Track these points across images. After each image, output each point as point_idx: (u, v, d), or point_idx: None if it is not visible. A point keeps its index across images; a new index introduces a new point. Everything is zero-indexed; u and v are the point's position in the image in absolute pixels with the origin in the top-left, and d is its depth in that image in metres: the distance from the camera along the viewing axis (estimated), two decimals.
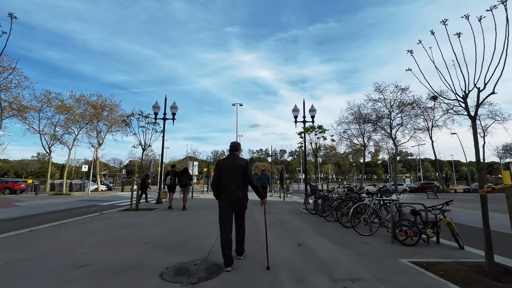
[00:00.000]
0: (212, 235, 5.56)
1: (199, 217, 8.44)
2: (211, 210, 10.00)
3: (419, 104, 30.38)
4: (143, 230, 6.17)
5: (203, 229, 6.40)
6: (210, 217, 8.43)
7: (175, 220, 7.82)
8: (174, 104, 13.94)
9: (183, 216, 8.72)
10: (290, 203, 14.30)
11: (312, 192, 9.38)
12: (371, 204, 5.77)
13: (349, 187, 8.87)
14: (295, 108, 14.10)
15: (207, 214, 9.12)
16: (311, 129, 11.29)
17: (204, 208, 11.09)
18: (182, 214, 9.31)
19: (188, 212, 10.19)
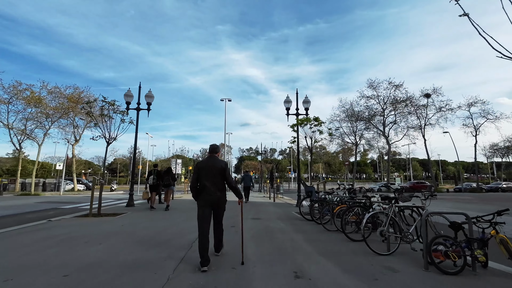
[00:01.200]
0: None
1: (174, 223, 6.83)
2: (192, 213, 8.41)
3: (413, 102, 29.58)
4: (79, 248, 4.51)
5: (171, 244, 4.80)
6: (187, 223, 6.83)
7: (140, 229, 6.18)
8: (149, 92, 12.19)
9: (153, 222, 7.08)
10: (281, 205, 12.83)
11: (308, 194, 7.93)
12: (390, 213, 4.33)
13: (351, 188, 7.45)
14: (287, 99, 12.61)
15: (185, 220, 7.50)
16: (306, 121, 9.84)
17: (183, 210, 9.46)
18: (152, 219, 7.68)
19: (162, 215, 8.56)
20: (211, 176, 3.87)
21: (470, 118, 32.03)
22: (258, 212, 9.66)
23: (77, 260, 3.83)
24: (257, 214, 9.22)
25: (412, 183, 36.90)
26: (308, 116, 10.08)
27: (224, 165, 4.01)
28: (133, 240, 5.13)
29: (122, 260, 3.87)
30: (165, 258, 4.02)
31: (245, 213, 9.43)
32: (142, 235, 5.60)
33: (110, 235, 5.51)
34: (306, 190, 7.96)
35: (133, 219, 7.93)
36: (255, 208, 11.25)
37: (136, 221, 7.54)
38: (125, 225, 6.84)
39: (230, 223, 6.74)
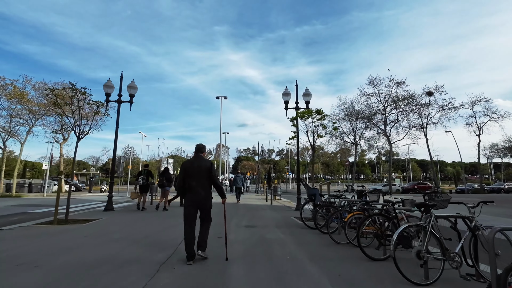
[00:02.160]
0: None
1: (155, 230, 5.58)
2: (178, 218, 7.19)
3: (415, 99, 28.58)
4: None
5: (142, 264, 3.56)
6: (169, 231, 5.59)
7: (106, 241, 4.94)
8: (132, 83, 10.95)
9: (127, 229, 5.82)
10: (278, 208, 11.64)
11: (311, 197, 6.75)
12: (428, 226, 3.15)
13: (363, 190, 6.28)
14: (286, 91, 11.45)
15: (168, 227, 6.26)
16: (307, 114, 8.66)
17: (169, 215, 8.22)
18: (128, 225, 6.44)
19: (143, 220, 7.33)
20: (197, 176, 3.92)
21: (473, 117, 31.10)
22: (253, 218, 8.46)
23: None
24: (252, 220, 8.02)
25: (413, 184, 35.93)
26: (309, 109, 8.91)
27: (209, 165, 4.05)
28: (88, 260, 3.89)
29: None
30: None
31: (239, 218, 8.25)
32: (104, 252, 4.37)
33: (61, 252, 4.27)
34: (308, 193, 6.79)
35: (104, 226, 6.69)
36: (250, 212, 10.06)
37: (106, 229, 6.30)
38: (90, 235, 5.60)
39: (217, 232, 5.53)
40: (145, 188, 10.25)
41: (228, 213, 9.80)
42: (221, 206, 4.41)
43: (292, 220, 8.03)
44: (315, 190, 6.67)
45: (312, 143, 8.76)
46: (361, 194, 6.48)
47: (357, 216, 4.95)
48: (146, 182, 10.21)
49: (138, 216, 8.63)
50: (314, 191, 6.66)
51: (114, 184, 11.10)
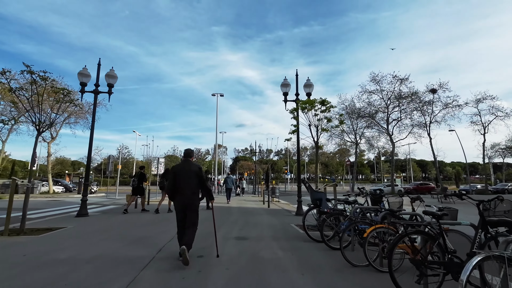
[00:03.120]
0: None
1: (120, 244, 4.29)
2: (161, 225, 5.93)
3: (419, 96, 27.47)
4: None
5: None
6: (136, 247, 4.33)
7: (49, 261, 3.67)
8: (111, 71, 9.67)
9: (90, 242, 4.53)
10: (276, 212, 10.42)
11: (315, 202, 5.52)
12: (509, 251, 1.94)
13: (381, 193, 5.08)
14: (285, 82, 10.24)
15: (139, 239, 5.00)
16: (309, 105, 7.43)
17: (149, 221, 6.93)
18: (95, 236, 5.16)
19: (118, 228, 6.03)
20: (186, 179, 4.10)
21: (478, 115, 30.03)
22: (246, 225, 7.21)
23: None
24: (244, 228, 6.78)
25: (416, 184, 34.79)
26: (313, 98, 7.69)
27: (198, 169, 4.21)
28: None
29: None
30: None
31: (230, 226, 7.02)
32: (35, 281, 3.11)
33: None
34: (312, 197, 5.57)
35: (62, 239, 5.42)
36: (244, 217, 8.83)
37: (61, 244, 5.03)
38: (32, 254, 4.32)
39: (200, 246, 4.29)
40: (139, 191, 10.01)
41: (219, 219, 8.57)
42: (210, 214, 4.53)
43: (293, 228, 6.79)
44: (320, 194, 5.45)
45: (315, 138, 7.55)
46: (378, 199, 5.28)
47: (381, 231, 3.74)
48: (136, 185, 9.97)
49: (114, 223, 7.37)
50: (319, 196, 5.44)
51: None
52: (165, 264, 3.82)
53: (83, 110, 29.25)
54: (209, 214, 5.71)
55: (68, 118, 28.80)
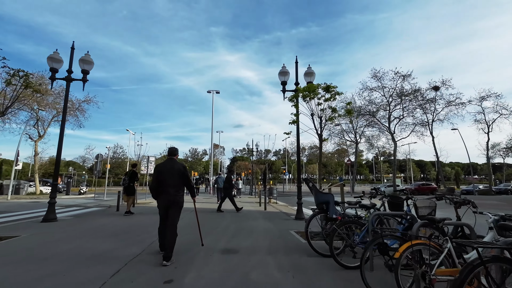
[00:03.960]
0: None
1: (73, 263, 3.15)
2: (137, 235, 4.81)
3: (422, 94, 26.52)
4: None
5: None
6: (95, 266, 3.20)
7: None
8: (86, 56, 8.52)
9: (35, 259, 3.41)
10: (274, 216, 9.31)
11: (321, 207, 4.42)
12: None
13: (405, 197, 4.00)
14: (283, 69, 9.15)
15: (104, 252, 3.87)
16: (311, 91, 6.33)
17: (123, 229, 5.77)
18: (42, 250, 4.02)
19: (80, 237, 4.88)
20: (170, 178, 4.06)
21: (482, 113, 29.12)
22: (238, 232, 6.10)
23: None
24: (235, 237, 5.67)
25: (417, 184, 33.91)
26: (315, 83, 6.56)
27: (182, 168, 4.21)
28: None
29: None
30: None
31: (218, 233, 5.93)
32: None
33: None
34: (317, 200, 4.47)
35: (3, 254, 4.27)
36: (237, 222, 7.72)
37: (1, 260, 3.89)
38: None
39: (170, 268, 3.18)
40: (129, 190, 9.48)
41: (209, 224, 7.47)
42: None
43: (293, 237, 5.69)
44: (327, 197, 4.35)
45: (318, 130, 6.44)
46: (398, 203, 4.20)
47: (418, 248, 2.66)
48: (127, 184, 9.50)
49: (79, 231, 6.22)
50: (326, 198, 4.34)
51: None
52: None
53: (73, 107, 28.07)
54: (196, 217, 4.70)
55: (57, 115, 27.60)
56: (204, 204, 14.34)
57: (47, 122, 27.54)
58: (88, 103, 28.45)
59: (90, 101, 28.33)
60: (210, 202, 15.92)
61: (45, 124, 27.54)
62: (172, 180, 4.04)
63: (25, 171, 45.06)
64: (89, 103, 28.48)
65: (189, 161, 75.80)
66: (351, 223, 3.82)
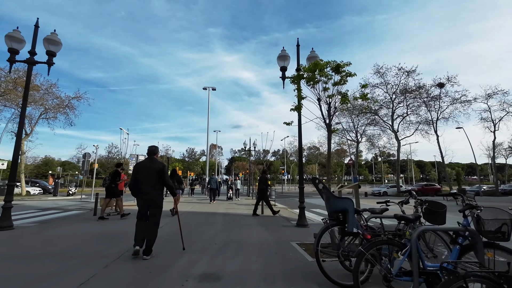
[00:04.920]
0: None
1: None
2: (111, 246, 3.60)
3: (427, 90, 25.44)
4: None
5: None
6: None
7: None
8: (53, 35, 7.28)
9: None
10: (271, 222, 8.10)
11: (336, 216, 3.22)
12: None
13: (472, 197, 2.81)
14: (283, 53, 7.98)
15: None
16: (319, 68, 5.10)
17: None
18: None
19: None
20: (148, 177, 4.07)
21: (488, 111, 28.03)
22: (225, 247, 4.88)
23: None
24: (220, 254, 4.44)
25: (420, 185, 32.75)
26: (321, 61, 5.32)
27: (161, 166, 4.20)
28: None
29: None
30: None
31: (203, 247, 4.73)
32: None
33: None
34: (331, 207, 3.26)
35: None
36: (228, 229, 6.52)
37: None
38: None
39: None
40: (107, 192, 8.63)
41: (193, 232, 6.28)
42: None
43: (295, 252, 4.48)
44: (346, 203, 3.13)
45: (326, 119, 5.24)
46: (440, 213, 3.01)
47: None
48: (106, 184, 8.74)
49: (31, 243, 4.99)
50: (343, 205, 3.14)
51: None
52: None
53: (62, 104, 26.75)
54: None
55: (44, 113, 26.27)
56: (196, 205, 13.07)
57: (34, 120, 26.23)
58: (78, 100, 27.12)
59: (80, 97, 27.00)
60: (202, 202, 14.66)
61: (33, 122, 26.24)
62: (150, 179, 4.05)
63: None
64: (79, 100, 27.15)
65: (187, 161, 74.51)
66: (388, 243, 2.62)
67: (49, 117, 26.61)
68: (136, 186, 4.08)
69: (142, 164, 4.20)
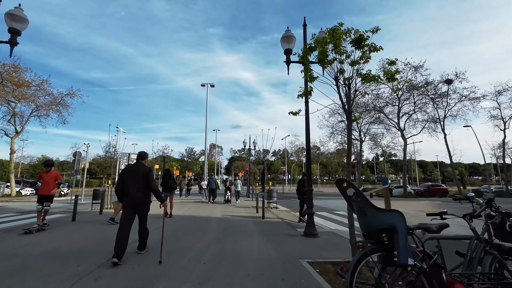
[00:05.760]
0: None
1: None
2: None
3: (435, 86, 24.33)
4: None
5: None
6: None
7: None
8: (17, 10, 6.17)
9: None
10: (274, 229, 6.99)
11: (376, 236, 2.11)
12: None
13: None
14: (287, 33, 6.84)
15: None
16: (337, 38, 3.94)
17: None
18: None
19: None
20: (135, 180, 4.16)
21: (497, 109, 26.89)
22: (214, 268, 3.77)
23: None
24: (207, 280, 3.35)
25: (426, 186, 31.65)
26: (340, 27, 4.13)
27: (147, 170, 4.28)
28: None
29: None
30: None
31: (185, 268, 3.61)
32: None
33: None
34: (369, 225, 2.15)
35: None
36: (222, 240, 5.41)
37: None
38: None
39: None
40: None
41: (179, 243, 5.19)
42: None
43: (309, 279, 3.35)
44: (393, 217, 2.06)
45: (345, 104, 4.13)
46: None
47: None
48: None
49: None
50: (391, 220, 2.05)
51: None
52: None
53: (55, 102, 25.66)
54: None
55: (36, 110, 25.19)
56: (191, 207, 11.92)
57: (25, 118, 25.14)
58: (72, 97, 26.06)
59: (74, 94, 25.93)
60: (199, 204, 13.46)
61: (23, 120, 25.16)
62: (136, 182, 4.15)
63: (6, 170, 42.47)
64: (73, 97, 26.08)
65: (186, 161, 73.39)
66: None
67: (41, 114, 25.59)
68: (123, 189, 4.16)
69: (129, 168, 4.36)
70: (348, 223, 3.82)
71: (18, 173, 49.82)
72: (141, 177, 4.17)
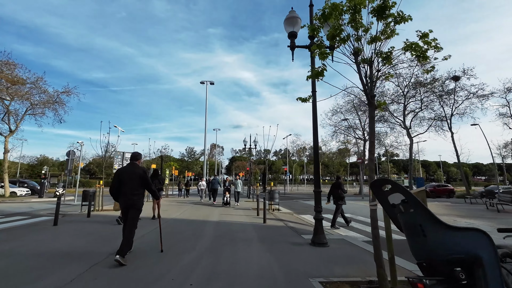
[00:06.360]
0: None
1: None
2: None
3: (443, 82, 23.50)
4: None
5: None
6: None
7: None
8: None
9: None
10: (276, 236, 6.19)
11: (448, 270, 1.35)
12: None
13: None
14: (291, 14, 6.08)
15: None
16: (358, 2, 3.15)
17: None
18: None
19: None
20: (129, 181, 4.18)
21: (506, 106, 25.96)
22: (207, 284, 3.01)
23: None
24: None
25: (432, 186, 30.74)
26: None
27: (142, 172, 4.32)
28: None
29: None
30: None
31: (177, 285, 2.78)
32: None
33: None
34: (431, 252, 1.42)
35: None
36: (218, 250, 4.63)
37: None
38: None
39: None
40: None
41: (170, 253, 4.43)
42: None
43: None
44: (472, 241, 1.33)
45: (367, 88, 3.35)
46: None
47: None
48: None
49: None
50: (468, 245, 1.33)
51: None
52: None
53: (51, 100, 24.97)
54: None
55: (31, 108, 24.49)
56: (188, 209, 11.09)
57: (20, 117, 24.43)
58: (68, 95, 25.29)
59: (70, 92, 25.16)
60: (197, 205, 12.61)
61: (18, 119, 24.45)
62: (131, 183, 4.16)
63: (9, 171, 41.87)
64: (69, 95, 25.31)
65: (186, 160, 72.61)
66: None
67: (36, 113, 24.91)
68: (117, 189, 4.19)
69: (124, 169, 4.35)
70: (372, 234, 3.02)
71: (17, 173, 49.26)
72: (136, 178, 4.17)
